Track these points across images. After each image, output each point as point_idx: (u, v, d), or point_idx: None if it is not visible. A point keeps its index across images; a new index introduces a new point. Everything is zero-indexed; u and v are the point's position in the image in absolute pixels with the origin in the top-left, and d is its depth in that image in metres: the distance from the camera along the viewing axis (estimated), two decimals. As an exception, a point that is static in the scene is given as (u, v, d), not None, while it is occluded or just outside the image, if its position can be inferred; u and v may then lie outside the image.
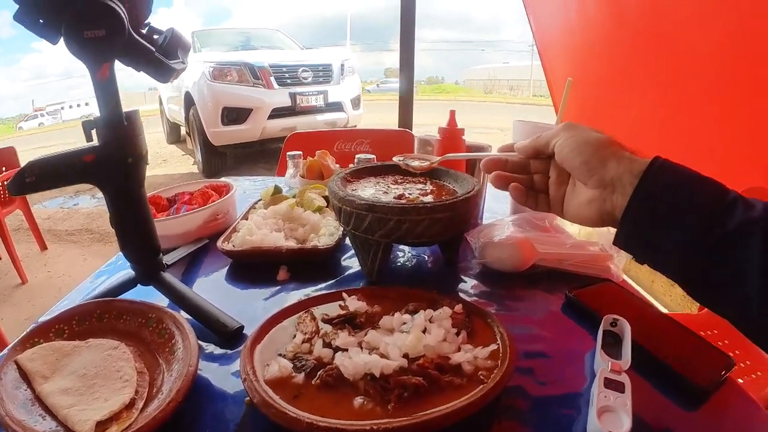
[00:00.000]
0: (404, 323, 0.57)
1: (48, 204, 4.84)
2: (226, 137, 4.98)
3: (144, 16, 0.57)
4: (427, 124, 9.03)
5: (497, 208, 1.12)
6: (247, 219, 0.96)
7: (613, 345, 0.59)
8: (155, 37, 0.61)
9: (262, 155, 5.68)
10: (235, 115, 4.90)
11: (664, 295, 2.45)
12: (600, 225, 0.51)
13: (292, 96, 5.10)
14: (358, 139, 2.03)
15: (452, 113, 0.95)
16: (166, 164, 6.47)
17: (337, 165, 1.20)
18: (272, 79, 5.06)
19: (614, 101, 1.98)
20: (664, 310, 1.89)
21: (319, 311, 0.62)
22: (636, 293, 0.78)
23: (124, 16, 0.50)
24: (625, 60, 1.85)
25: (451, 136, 0.95)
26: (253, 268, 0.85)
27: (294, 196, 0.99)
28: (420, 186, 0.82)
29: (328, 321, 0.58)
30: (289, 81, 5.18)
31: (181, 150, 7.26)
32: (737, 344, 1.13)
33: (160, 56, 0.54)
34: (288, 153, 1.24)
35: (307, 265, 0.85)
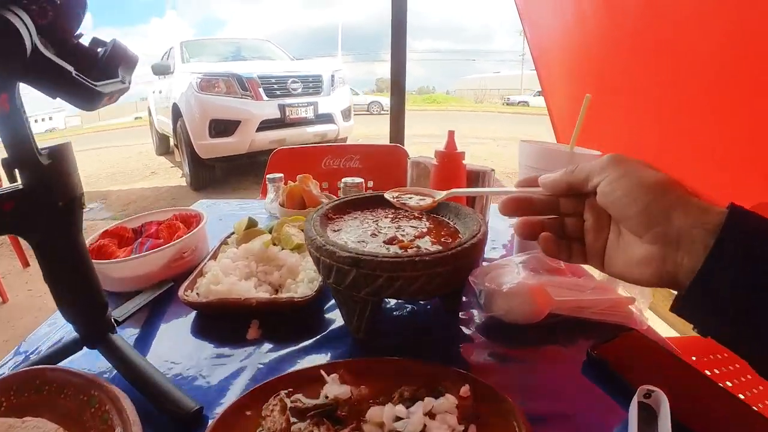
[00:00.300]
0: (398, 419, 0.45)
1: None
2: (214, 150, 4.87)
3: (71, 25, 0.45)
4: (418, 134, 9.09)
5: (494, 226, 1.02)
6: (216, 258, 0.84)
7: (647, 420, 0.50)
8: (99, 50, 0.50)
9: (251, 168, 5.56)
10: (222, 128, 4.79)
11: (668, 314, 2.35)
12: (657, 286, 0.41)
13: (282, 108, 5.00)
14: (347, 155, 1.92)
15: (451, 135, 0.84)
16: (155, 177, 6.33)
17: (324, 193, 1.08)
18: (261, 90, 4.96)
19: (614, 103, 1.89)
20: (671, 331, 1.80)
21: (294, 393, 0.50)
22: (665, 345, 0.68)
23: (24, 29, 0.38)
24: (624, 62, 1.77)
25: (450, 161, 0.84)
26: (223, 318, 0.73)
27: (270, 231, 0.88)
28: (415, 223, 0.71)
29: (302, 412, 0.46)
30: (278, 92, 5.08)
31: (170, 162, 7.13)
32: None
33: (81, 78, 0.42)
34: (268, 176, 1.13)
35: (283, 318, 0.73)
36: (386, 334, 0.69)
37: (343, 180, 1.01)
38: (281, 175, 1.13)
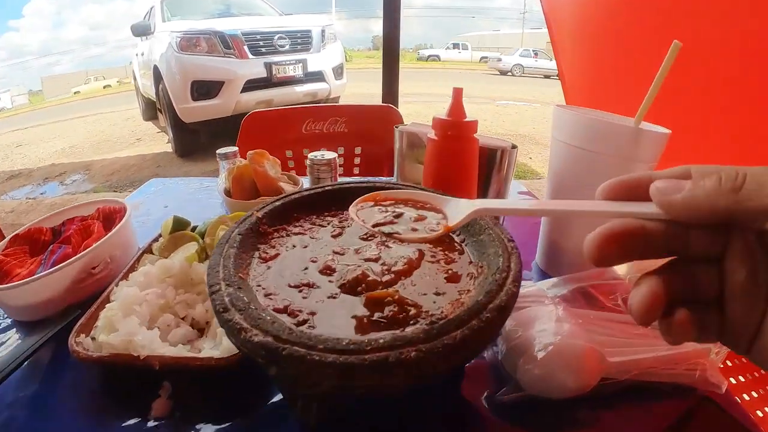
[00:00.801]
0: None
1: (15, 194, 4.43)
2: (197, 113, 4.54)
3: None
4: (414, 93, 8.70)
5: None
6: (127, 279, 0.61)
7: None
8: None
9: (237, 132, 5.15)
10: (205, 89, 4.46)
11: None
12: None
13: (268, 66, 4.65)
14: (331, 118, 1.66)
15: (457, 95, 0.59)
16: (140, 144, 6.05)
17: (287, 174, 0.83)
18: (245, 48, 4.60)
19: (633, 62, 1.60)
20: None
21: None
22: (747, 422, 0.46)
23: None
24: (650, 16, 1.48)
25: (458, 134, 0.60)
26: (128, 380, 0.51)
27: (203, 235, 0.64)
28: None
29: None
30: (264, 50, 4.72)
31: (156, 127, 6.82)
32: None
33: None
34: (218, 151, 0.88)
35: (204, 383, 0.50)
36: (352, 420, 0.43)
37: (310, 156, 0.77)
38: (234, 149, 0.88)
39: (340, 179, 0.95)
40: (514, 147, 0.73)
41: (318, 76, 5.02)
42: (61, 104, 13.49)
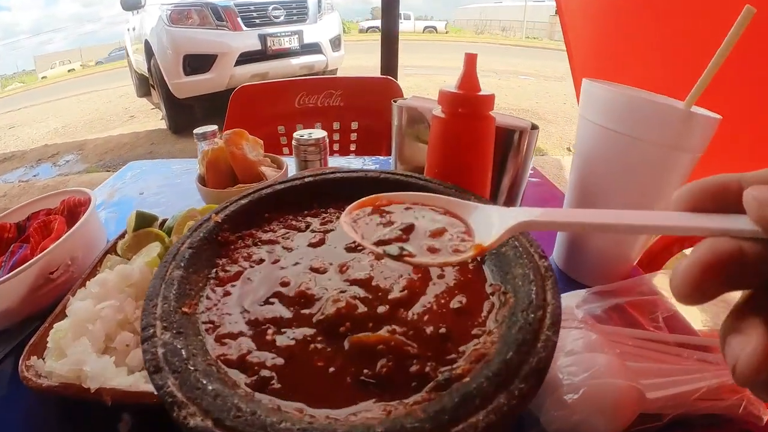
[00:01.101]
0: None
1: (8, 177, 4.32)
2: (190, 88, 4.40)
3: None
4: (415, 66, 8.45)
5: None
6: (85, 286, 0.52)
7: None
8: None
9: (231, 107, 5.02)
10: (198, 63, 4.31)
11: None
12: None
13: (262, 38, 4.48)
14: (326, 91, 1.55)
15: (470, 62, 0.49)
16: (133, 121, 5.91)
17: (270, 156, 0.73)
18: (239, 19, 4.44)
19: (655, 33, 1.47)
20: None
21: None
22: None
23: None
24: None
25: (472, 112, 0.50)
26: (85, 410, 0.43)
27: (168, 232, 0.55)
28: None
29: None
30: (258, 21, 4.55)
31: (150, 104, 6.67)
32: None
33: None
34: (196, 131, 0.78)
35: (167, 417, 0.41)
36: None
37: (295, 136, 0.67)
38: (213, 127, 0.78)
39: (333, 161, 0.86)
40: (534, 128, 0.63)
41: (315, 48, 4.84)
42: (54, 83, 13.22)
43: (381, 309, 0.32)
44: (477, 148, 0.50)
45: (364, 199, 0.30)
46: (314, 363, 0.29)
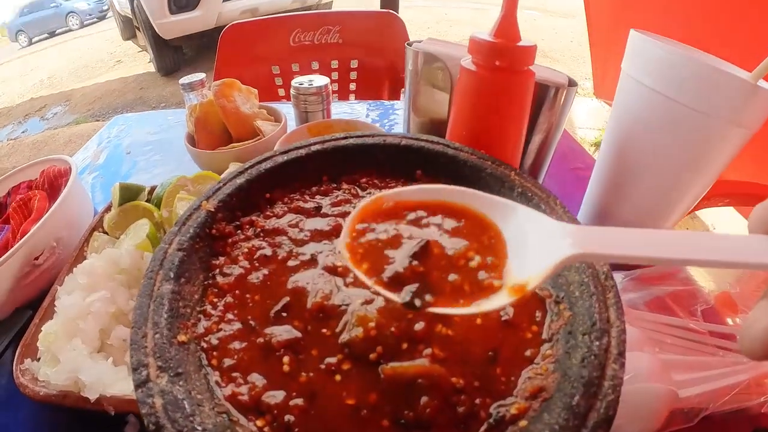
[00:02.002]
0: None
1: (-5, 134, 4.21)
2: (177, 28, 4.17)
3: None
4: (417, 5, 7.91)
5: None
6: (72, 272, 0.46)
7: None
8: None
9: (224, 46, 4.80)
10: (184, 1, 4.05)
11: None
12: None
13: (251, -30, 4.20)
14: (323, 27, 1.44)
15: (511, 4, 0.39)
16: (121, 66, 5.67)
17: (267, 108, 0.65)
18: (224, -50, 4.14)
19: None
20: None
21: None
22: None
23: None
24: None
25: (511, 66, 0.41)
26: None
27: (158, 204, 0.48)
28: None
29: None
30: (243, -49, 4.25)
31: (136, 46, 6.38)
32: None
33: None
34: (181, 81, 0.69)
35: None
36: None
37: (294, 84, 0.59)
38: (201, 76, 0.69)
39: (334, 108, 0.78)
40: (572, 84, 0.55)
41: (307, -21, 4.57)
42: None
43: (417, 326, 0.26)
44: (513, 108, 0.42)
45: (364, 204, 0.24)
46: (343, 401, 0.23)
